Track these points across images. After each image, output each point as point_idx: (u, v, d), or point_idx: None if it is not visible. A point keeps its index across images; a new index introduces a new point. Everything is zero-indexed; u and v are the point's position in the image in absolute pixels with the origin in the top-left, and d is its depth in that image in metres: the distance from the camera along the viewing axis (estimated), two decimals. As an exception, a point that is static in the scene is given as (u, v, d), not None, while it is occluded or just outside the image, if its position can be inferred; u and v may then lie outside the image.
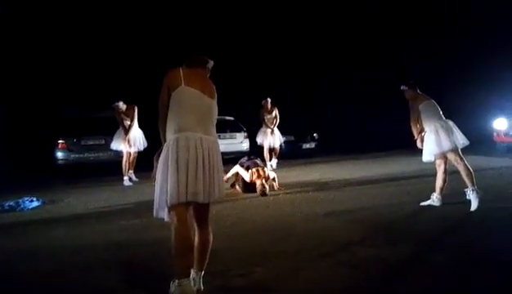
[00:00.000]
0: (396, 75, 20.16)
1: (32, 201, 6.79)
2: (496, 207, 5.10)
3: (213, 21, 19.79)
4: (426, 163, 5.56)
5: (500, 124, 11.12)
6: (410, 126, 5.56)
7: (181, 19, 19.65)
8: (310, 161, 12.58)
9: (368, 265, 3.38)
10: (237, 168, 7.27)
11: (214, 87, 3.01)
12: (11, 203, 6.57)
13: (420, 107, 5.41)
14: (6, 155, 12.37)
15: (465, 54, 19.45)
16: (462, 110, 11.53)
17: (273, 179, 7.26)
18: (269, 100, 10.95)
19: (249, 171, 7.02)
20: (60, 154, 10.71)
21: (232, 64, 17.63)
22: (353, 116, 20.34)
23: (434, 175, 5.54)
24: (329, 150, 14.90)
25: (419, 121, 5.42)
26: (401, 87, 5.67)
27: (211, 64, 3.15)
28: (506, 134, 11.02)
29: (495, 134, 11.18)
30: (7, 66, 15.62)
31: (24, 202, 6.68)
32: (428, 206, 5.39)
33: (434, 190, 5.44)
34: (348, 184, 7.65)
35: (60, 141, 10.70)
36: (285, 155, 12.64)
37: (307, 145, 14.46)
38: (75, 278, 3.38)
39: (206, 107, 2.90)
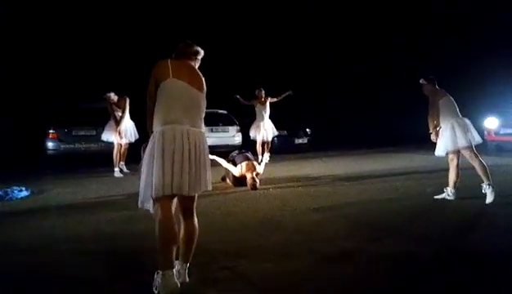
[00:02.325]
0: (388, 71, 20.39)
1: (21, 190, 6.73)
2: (483, 204, 5.16)
3: (207, 11, 19.67)
4: (416, 160, 5.62)
5: (490, 123, 11.27)
6: (401, 123, 5.60)
7: (173, 8, 19.50)
8: (302, 156, 12.60)
9: (355, 259, 3.41)
10: (223, 162, 7.23)
11: (203, 80, 2.99)
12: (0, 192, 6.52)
13: (440, 103, 5.43)
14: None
15: (456, 53, 19.59)
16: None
17: (257, 174, 7.05)
18: (263, 90, 10.73)
19: (238, 165, 7.01)
20: (50, 144, 10.62)
21: (225, 57, 17.57)
22: (347, 112, 20.43)
23: (423, 171, 5.58)
24: (321, 146, 14.92)
25: (436, 116, 5.43)
26: (420, 81, 5.67)
27: (201, 54, 3.09)
28: (496, 133, 11.17)
29: (486, 132, 11.29)
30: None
31: (12, 191, 6.62)
32: (443, 199, 5.47)
33: (448, 185, 5.52)
34: (338, 179, 7.68)
35: (50, 131, 10.61)
36: (277, 150, 12.62)
37: (299, 140, 14.47)
38: (61, 268, 3.36)
39: (194, 99, 2.88)
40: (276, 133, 11.34)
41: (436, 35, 20.72)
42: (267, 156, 10.09)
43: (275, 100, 10.90)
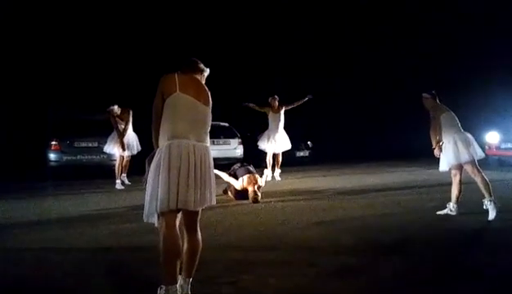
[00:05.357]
0: (392, 86, 20.48)
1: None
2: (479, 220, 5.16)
3: (210, 25, 19.82)
4: (418, 174, 5.61)
5: (491, 137, 11.29)
6: (403, 137, 5.61)
7: (178, 21, 19.66)
8: (303, 169, 12.61)
9: (356, 275, 3.40)
10: (224, 176, 7.23)
11: (209, 94, 3.02)
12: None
13: (441, 117, 5.45)
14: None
15: (457, 68, 19.68)
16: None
17: (258, 187, 6.97)
18: (277, 98, 9.90)
19: (240, 178, 7.00)
20: (52, 156, 10.62)
21: (228, 69, 17.66)
22: (348, 125, 20.45)
23: (425, 186, 5.57)
24: (322, 159, 14.93)
25: (438, 131, 5.44)
26: (423, 95, 5.67)
27: (207, 72, 3.15)
28: (498, 147, 11.18)
29: (487, 147, 11.29)
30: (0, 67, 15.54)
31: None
32: (445, 214, 5.45)
33: (450, 200, 5.51)
34: (339, 193, 7.67)
35: (53, 143, 10.61)
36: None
37: (300, 153, 14.45)
38: (62, 282, 3.35)
39: (200, 114, 2.91)
40: (289, 147, 10.45)
41: (437, 49, 20.84)
42: (277, 174, 9.95)
43: (290, 106, 10.12)
